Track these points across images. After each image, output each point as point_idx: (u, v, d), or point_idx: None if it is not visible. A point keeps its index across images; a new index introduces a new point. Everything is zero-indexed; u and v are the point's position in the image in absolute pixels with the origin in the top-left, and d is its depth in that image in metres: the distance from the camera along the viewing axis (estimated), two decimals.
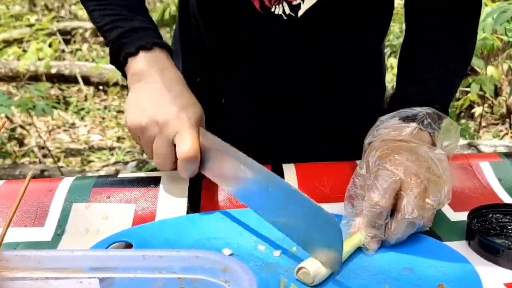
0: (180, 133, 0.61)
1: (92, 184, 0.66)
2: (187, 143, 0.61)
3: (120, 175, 0.69)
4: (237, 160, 0.58)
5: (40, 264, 0.35)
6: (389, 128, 0.63)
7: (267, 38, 0.73)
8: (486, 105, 3.10)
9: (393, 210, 0.55)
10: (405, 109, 0.64)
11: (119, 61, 0.67)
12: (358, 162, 0.65)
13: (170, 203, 0.64)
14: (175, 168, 0.63)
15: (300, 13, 0.70)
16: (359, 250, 0.55)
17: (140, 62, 0.65)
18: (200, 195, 0.66)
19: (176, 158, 0.62)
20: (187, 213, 0.63)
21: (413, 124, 0.62)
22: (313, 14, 0.70)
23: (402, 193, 0.55)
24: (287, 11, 0.70)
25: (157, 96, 0.63)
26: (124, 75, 0.68)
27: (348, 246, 0.53)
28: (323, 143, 0.81)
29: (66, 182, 0.67)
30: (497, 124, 3.18)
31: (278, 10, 0.70)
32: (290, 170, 0.70)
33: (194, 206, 0.64)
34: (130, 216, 0.62)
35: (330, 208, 0.61)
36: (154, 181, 0.67)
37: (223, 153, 0.60)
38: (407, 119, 0.63)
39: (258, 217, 0.60)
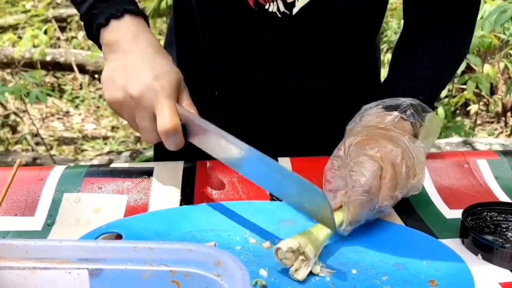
0: (157, 106, 0.58)
1: (84, 174, 0.65)
2: (164, 117, 0.58)
3: (113, 165, 0.68)
4: (221, 136, 0.57)
5: (27, 253, 0.34)
6: (372, 116, 0.63)
7: (260, 36, 0.72)
8: (481, 103, 3.11)
9: None
10: (390, 99, 0.65)
11: (93, 33, 0.64)
12: None
13: (163, 194, 0.63)
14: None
15: (295, 11, 0.69)
16: (350, 243, 0.54)
17: (112, 32, 0.62)
18: (194, 187, 0.65)
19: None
20: (180, 205, 0.62)
21: (395, 113, 0.62)
22: (307, 11, 0.69)
23: (381, 180, 0.56)
24: (282, 8, 0.69)
25: (129, 67, 0.60)
26: (101, 48, 0.65)
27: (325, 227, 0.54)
28: (317, 138, 0.81)
29: (57, 171, 0.66)
30: (492, 122, 3.18)
31: (272, 7, 0.69)
32: (285, 164, 0.69)
33: (187, 198, 0.63)
34: (122, 207, 0.61)
35: None
36: (147, 172, 0.66)
37: (205, 128, 0.59)
38: (390, 108, 0.63)
39: (251, 209, 0.60)
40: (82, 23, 0.66)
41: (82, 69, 3.78)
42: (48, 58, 3.76)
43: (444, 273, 0.50)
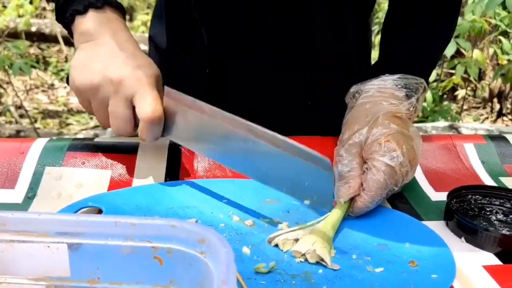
0: (140, 93, 0.55)
1: (66, 147, 0.64)
2: (149, 103, 0.55)
3: (97, 140, 0.67)
4: (211, 116, 0.55)
5: (5, 226, 0.33)
6: (387, 95, 0.62)
7: (253, 9, 0.71)
8: (469, 88, 3.12)
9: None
10: (402, 76, 0.64)
11: (66, 18, 0.60)
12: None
13: (148, 170, 0.62)
14: (134, 134, 0.59)
15: None
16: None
17: (89, 21, 0.59)
18: (180, 163, 0.64)
19: (135, 122, 0.57)
20: (165, 181, 0.61)
21: (412, 100, 0.62)
22: None
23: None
24: None
25: (109, 56, 0.57)
26: (70, 33, 0.62)
27: (339, 210, 0.55)
28: (308, 119, 0.80)
29: (39, 144, 0.64)
30: (478, 107, 3.21)
31: None
32: None
33: (172, 174, 0.62)
34: (106, 182, 0.60)
35: None
36: (132, 148, 0.65)
37: (190, 109, 0.56)
38: (404, 87, 0.63)
39: (234, 187, 0.59)
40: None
41: (68, 41, 3.69)
42: (33, 29, 3.68)
43: (425, 254, 0.50)
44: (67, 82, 0.61)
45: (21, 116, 3.06)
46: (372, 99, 0.62)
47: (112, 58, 0.57)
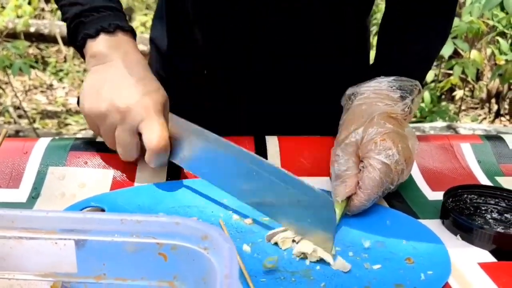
0: (146, 121, 0.56)
1: (69, 147, 0.65)
2: (155, 132, 0.56)
3: (99, 139, 0.68)
4: (213, 143, 0.55)
5: (13, 223, 0.34)
6: (382, 96, 0.63)
7: (252, 10, 0.72)
8: (467, 88, 3.14)
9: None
10: (396, 78, 0.65)
11: (77, 41, 0.61)
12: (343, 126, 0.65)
13: (150, 170, 0.63)
14: (140, 159, 0.60)
15: None
16: None
17: (100, 45, 0.60)
18: None
19: (141, 148, 0.58)
20: (167, 180, 0.62)
21: (407, 101, 0.63)
22: None
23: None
24: None
25: (118, 80, 0.58)
26: (83, 56, 0.63)
27: (337, 209, 0.55)
28: (304, 119, 0.81)
29: (42, 144, 0.65)
30: (476, 108, 3.22)
31: None
32: (272, 142, 0.69)
33: (173, 174, 0.63)
34: (108, 182, 0.61)
35: (312, 181, 0.61)
36: None
37: (196, 137, 0.57)
38: (398, 89, 0.64)
39: None
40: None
41: (67, 41, 3.70)
42: (32, 29, 3.69)
43: (421, 251, 0.51)
44: (78, 104, 0.62)
45: (19, 116, 3.07)
46: (367, 100, 0.63)
47: (121, 84, 0.58)
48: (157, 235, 0.34)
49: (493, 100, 3.08)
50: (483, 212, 0.59)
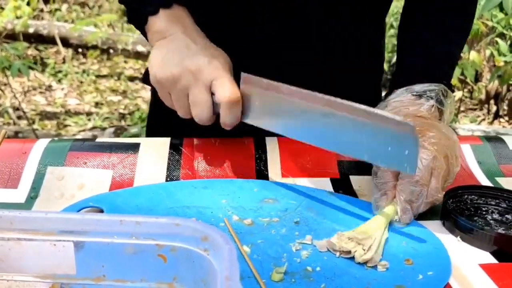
0: (218, 79, 0.59)
1: (68, 147, 0.65)
2: (227, 87, 0.59)
3: (98, 140, 0.68)
4: (288, 94, 0.57)
5: (12, 224, 0.34)
6: (405, 103, 0.64)
7: (272, 6, 0.71)
8: (466, 89, 3.14)
9: None
10: (418, 85, 0.65)
11: (139, 19, 0.66)
12: None
13: (149, 170, 0.63)
14: (214, 120, 0.62)
15: None
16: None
17: (161, 20, 0.64)
18: (180, 163, 0.65)
19: (214, 108, 0.61)
20: (166, 181, 0.62)
21: (432, 102, 0.64)
22: None
23: (432, 172, 0.56)
24: None
25: (184, 48, 0.62)
26: (143, 32, 0.67)
27: (383, 217, 0.55)
28: None
29: (41, 144, 0.65)
30: (475, 109, 3.22)
31: None
32: (272, 144, 0.69)
33: (173, 174, 0.63)
34: (107, 182, 0.61)
35: (313, 182, 0.61)
36: (133, 147, 0.66)
37: (269, 92, 0.58)
38: (422, 95, 0.64)
39: (233, 187, 0.60)
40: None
41: (66, 42, 3.70)
42: (31, 30, 3.68)
43: (422, 253, 0.51)
44: (143, 81, 0.67)
45: (19, 117, 3.06)
46: (392, 110, 0.64)
47: (188, 51, 0.62)
48: (156, 237, 0.34)
49: (492, 101, 3.08)
50: (484, 213, 0.58)
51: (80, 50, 3.81)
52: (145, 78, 0.68)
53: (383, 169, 0.59)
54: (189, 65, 0.60)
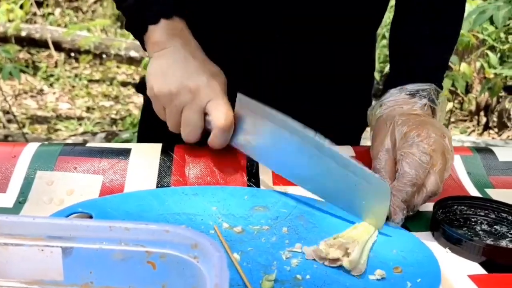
0: (214, 101, 0.60)
1: (59, 152, 0.64)
2: (222, 112, 0.60)
3: (89, 145, 0.67)
4: (279, 126, 0.58)
5: None
6: (400, 102, 0.65)
7: (264, 17, 0.71)
8: (456, 101, 3.17)
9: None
10: (410, 84, 0.67)
11: (138, 27, 0.65)
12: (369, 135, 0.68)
13: (140, 176, 0.63)
14: (202, 139, 0.63)
15: None
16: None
17: (161, 31, 0.64)
18: (171, 170, 0.64)
19: (205, 126, 0.62)
20: (157, 187, 0.62)
21: (424, 100, 0.65)
22: None
23: (430, 169, 0.57)
24: None
25: (183, 63, 0.62)
26: (141, 41, 0.67)
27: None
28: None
29: (31, 148, 0.64)
30: (465, 120, 3.25)
31: None
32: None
33: (164, 180, 0.63)
34: (97, 188, 0.61)
35: (304, 191, 0.61)
36: (125, 153, 0.65)
37: (261, 117, 0.59)
38: (415, 94, 0.66)
39: (224, 194, 0.60)
40: (61, 0, 0.65)
41: (58, 46, 3.69)
42: (23, 34, 3.66)
43: (411, 261, 0.51)
44: (138, 90, 0.67)
45: (9, 121, 3.03)
46: (386, 110, 0.66)
47: (187, 66, 0.62)
48: (146, 243, 0.33)
49: (481, 113, 3.11)
50: (473, 223, 0.59)
51: (72, 54, 3.79)
52: (140, 87, 0.68)
53: (380, 168, 0.60)
54: (188, 83, 0.60)
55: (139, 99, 3.50)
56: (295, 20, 0.71)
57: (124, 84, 3.76)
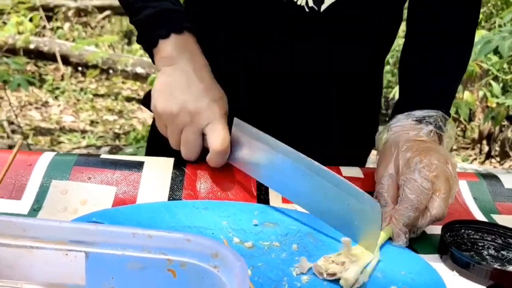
0: (212, 124, 0.63)
1: (73, 162, 0.65)
2: (220, 135, 0.63)
3: (103, 156, 0.68)
4: (272, 149, 0.60)
5: (25, 232, 0.35)
6: (406, 128, 0.66)
7: (284, 29, 0.72)
8: (459, 128, 3.18)
9: None
10: (418, 111, 0.68)
11: (149, 41, 0.67)
12: (375, 157, 0.70)
13: (152, 189, 0.64)
14: (201, 157, 0.65)
15: (323, 7, 0.69)
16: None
17: (171, 45, 0.66)
18: (183, 184, 0.65)
19: (202, 148, 0.65)
20: (169, 200, 0.63)
21: (431, 127, 0.66)
22: (335, 10, 0.69)
23: (433, 194, 0.59)
24: (310, 3, 0.69)
25: (188, 84, 0.64)
26: (150, 54, 0.68)
27: (380, 237, 0.56)
28: (312, 146, 0.81)
29: (47, 157, 0.65)
30: (467, 148, 3.26)
31: (301, 1, 0.69)
32: None
33: (175, 194, 0.64)
34: (110, 199, 0.61)
35: None
36: (138, 166, 0.66)
37: (256, 140, 0.62)
38: (421, 120, 0.67)
39: (235, 209, 0.61)
40: (70, 15, 0.69)
41: (66, 60, 3.73)
42: (32, 46, 3.71)
43: (419, 283, 0.51)
44: (143, 104, 0.70)
45: (13, 131, 3.05)
46: (393, 136, 0.67)
47: (192, 88, 0.64)
48: (167, 251, 0.34)
49: (484, 141, 3.13)
50: (480, 248, 0.59)
51: (79, 68, 3.83)
52: (146, 101, 0.69)
53: (382, 192, 0.61)
54: (190, 105, 0.63)
55: (142, 114, 3.52)
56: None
57: (129, 99, 3.78)
